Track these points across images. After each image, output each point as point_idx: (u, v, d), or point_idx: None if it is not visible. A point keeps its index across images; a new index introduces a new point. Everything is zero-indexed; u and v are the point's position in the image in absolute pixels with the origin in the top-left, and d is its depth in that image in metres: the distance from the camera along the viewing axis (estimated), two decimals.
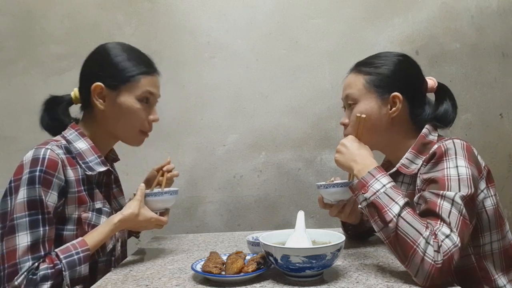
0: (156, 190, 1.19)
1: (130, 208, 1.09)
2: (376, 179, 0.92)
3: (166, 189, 1.20)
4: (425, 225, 0.84)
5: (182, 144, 1.86)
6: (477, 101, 1.89)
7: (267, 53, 1.88)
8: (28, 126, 1.82)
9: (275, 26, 1.88)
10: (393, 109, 1.07)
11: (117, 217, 1.07)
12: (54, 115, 1.16)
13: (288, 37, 1.88)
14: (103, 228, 1.06)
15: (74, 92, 1.17)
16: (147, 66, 1.15)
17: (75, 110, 1.20)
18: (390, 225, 0.85)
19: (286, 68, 1.88)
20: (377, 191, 0.89)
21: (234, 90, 1.88)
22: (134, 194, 1.14)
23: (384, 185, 0.90)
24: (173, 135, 1.87)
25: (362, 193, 0.91)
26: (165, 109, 1.86)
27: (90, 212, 1.08)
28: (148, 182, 1.33)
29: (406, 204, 0.87)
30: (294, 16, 1.88)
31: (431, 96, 1.15)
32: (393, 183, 0.91)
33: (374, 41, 1.86)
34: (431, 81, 1.14)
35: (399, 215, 0.85)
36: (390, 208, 0.86)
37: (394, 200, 0.87)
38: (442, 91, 1.14)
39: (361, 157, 0.99)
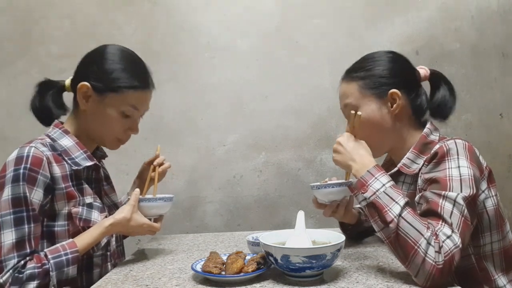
0: (149, 196, 1.19)
1: (122, 212, 1.09)
2: (376, 178, 0.91)
3: (161, 196, 1.18)
4: (426, 225, 0.84)
5: (182, 144, 1.86)
6: (477, 101, 1.89)
7: (267, 53, 1.88)
8: (28, 126, 1.81)
9: (275, 26, 1.88)
10: (394, 106, 1.07)
11: (108, 220, 1.07)
12: (45, 100, 1.15)
13: (288, 37, 1.88)
14: (94, 231, 1.06)
15: (68, 80, 1.17)
16: (141, 81, 1.13)
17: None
18: (391, 225, 0.84)
19: (286, 68, 1.87)
20: (377, 191, 0.89)
21: (234, 90, 1.88)
22: (129, 198, 1.14)
23: (383, 185, 0.89)
24: (173, 135, 1.87)
25: (362, 192, 0.90)
26: (165, 109, 1.86)
27: (81, 207, 1.08)
28: (141, 176, 1.33)
29: (406, 204, 0.87)
30: (294, 16, 1.88)
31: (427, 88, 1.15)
32: (392, 182, 0.91)
33: (374, 41, 1.86)
34: (423, 70, 1.14)
35: (400, 215, 0.84)
36: (390, 208, 0.86)
37: (394, 200, 0.87)
38: (436, 77, 1.14)
39: (359, 156, 0.98)
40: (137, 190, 1.15)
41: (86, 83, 1.08)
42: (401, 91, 1.07)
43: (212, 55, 1.88)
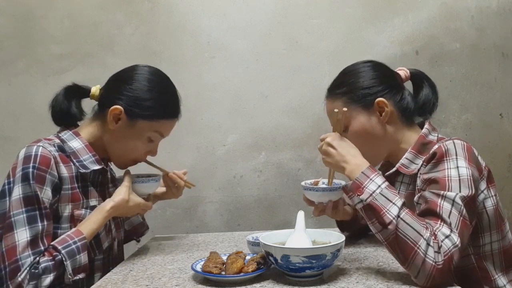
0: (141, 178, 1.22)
1: (120, 194, 1.10)
2: (371, 179, 0.90)
3: (151, 176, 1.22)
4: (425, 225, 0.84)
5: (182, 144, 1.86)
6: (477, 101, 1.89)
7: (267, 53, 1.87)
8: (28, 126, 1.82)
9: (275, 26, 1.88)
10: (383, 114, 1.07)
11: (108, 204, 1.08)
12: (69, 104, 1.15)
13: (288, 37, 1.88)
14: (96, 216, 1.06)
15: (95, 89, 1.16)
16: (173, 110, 1.17)
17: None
18: (390, 227, 0.84)
19: (286, 68, 1.87)
20: (373, 192, 0.88)
21: (234, 90, 1.88)
22: (117, 179, 1.15)
23: (379, 186, 0.88)
24: (173, 135, 1.85)
25: (358, 195, 0.89)
26: None
27: (83, 210, 1.08)
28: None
29: (403, 205, 0.87)
30: (294, 16, 1.88)
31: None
32: (387, 183, 0.90)
33: (374, 41, 1.86)
34: (403, 71, 1.15)
35: (398, 216, 0.84)
36: (388, 210, 0.85)
37: (391, 201, 0.86)
38: (417, 76, 1.15)
39: (351, 157, 0.96)
40: (129, 171, 1.17)
41: (119, 107, 1.09)
42: (387, 98, 1.07)
43: (212, 55, 1.88)
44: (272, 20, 1.88)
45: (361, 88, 1.09)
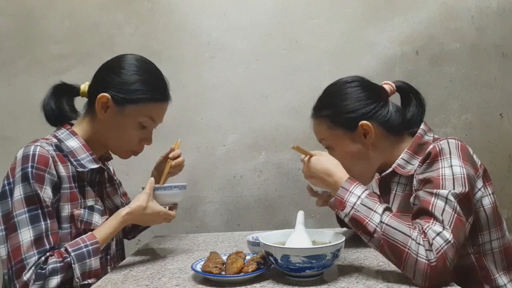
0: (164, 184, 1.20)
1: (138, 201, 1.09)
2: (350, 192, 0.91)
3: (175, 184, 1.19)
4: (411, 226, 0.85)
5: (182, 144, 1.85)
6: (477, 101, 1.89)
7: (267, 53, 1.88)
8: (28, 126, 1.82)
9: (275, 26, 1.88)
10: (368, 137, 1.07)
11: (124, 210, 1.07)
12: (59, 103, 1.15)
13: (288, 37, 1.88)
14: (111, 222, 1.06)
15: (84, 86, 1.16)
16: (160, 93, 1.14)
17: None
18: (375, 235, 0.85)
19: (286, 68, 1.87)
20: (354, 205, 0.89)
21: (234, 90, 1.88)
22: (143, 188, 1.14)
23: (359, 196, 0.90)
24: (173, 135, 1.86)
25: (341, 209, 0.91)
26: None
27: (82, 209, 1.07)
28: (158, 168, 1.34)
29: (386, 209, 0.87)
30: (294, 16, 1.88)
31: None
32: (367, 191, 0.91)
33: (374, 41, 1.86)
34: (388, 86, 1.14)
35: (381, 222, 0.85)
36: (371, 219, 0.86)
37: (372, 210, 0.87)
38: (404, 90, 1.15)
39: (327, 176, 0.98)
40: (152, 179, 1.15)
41: (106, 94, 1.08)
42: (372, 120, 1.07)
43: (212, 55, 1.88)
44: (272, 20, 1.88)
45: (346, 112, 1.08)
